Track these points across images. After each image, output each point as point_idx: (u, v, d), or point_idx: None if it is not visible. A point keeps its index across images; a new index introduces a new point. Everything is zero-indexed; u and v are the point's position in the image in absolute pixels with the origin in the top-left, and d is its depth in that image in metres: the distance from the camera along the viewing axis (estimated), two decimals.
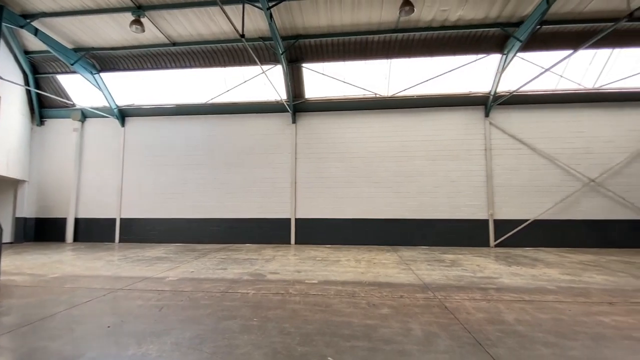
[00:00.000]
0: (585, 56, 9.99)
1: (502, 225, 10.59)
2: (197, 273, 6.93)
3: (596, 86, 10.44)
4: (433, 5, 8.62)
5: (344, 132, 11.53)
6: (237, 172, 11.82)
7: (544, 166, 10.59)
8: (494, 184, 10.73)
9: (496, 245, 10.59)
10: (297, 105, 11.64)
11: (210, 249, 10.21)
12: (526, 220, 10.51)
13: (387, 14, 9.01)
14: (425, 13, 8.95)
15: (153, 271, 7.11)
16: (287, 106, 11.26)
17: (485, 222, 10.69)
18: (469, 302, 4.96)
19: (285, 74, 10.59)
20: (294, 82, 11.28)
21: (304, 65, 10.91)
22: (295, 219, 11.41)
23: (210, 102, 11.99)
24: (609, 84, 10.38)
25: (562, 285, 5.91)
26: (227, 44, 10.37)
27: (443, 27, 9.46)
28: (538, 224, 10.46)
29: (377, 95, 11.24)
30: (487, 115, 10.97)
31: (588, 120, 10.60)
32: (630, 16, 6.32)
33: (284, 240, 11.37)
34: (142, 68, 11.46)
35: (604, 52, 9.83)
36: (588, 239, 10.24)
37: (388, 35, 9.74)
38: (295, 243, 11.32)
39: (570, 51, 8.34)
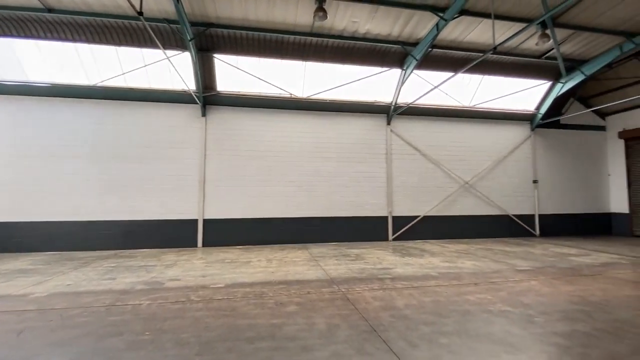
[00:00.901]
0: (465, 79, 12.01)
1: (399, 221, 11.93)
2: (75, 286, 5.84)
3: (472, 104, 12.66)
4: (345, 15, 9.14)
5: (258, 130, 11.29)
6: (134, 167, 10.41)
7: (432, 170, 12.36)
8: (394, 185, 12.02)
9: (394, 239, 11.85)
10: (208, 97, 10.90)
11: (97, 257, 8.76)
12: (417, 216, 12.07)
13: (302, 17, 9.17)
14: (337, 21, 9.42)
15: (12, 287, 5.72)
16: (195, 97, 10.43)
17: (385, 218, 11.88)
18: (368, 292, 5.40)
19: (195, 63, 9.80)
20: (205, 72, 10.53)
21: (215, 55, 10.28)
22: (204, 219, 10.66)
23: (101, 84, 10.28)
24: (480, 103, 12.70)
25: (442, 271, 6.96)
26: (123, 20, 9.02)
27: (353, 38, 10.11)
28: (427, 219, 12.14)
29: (293, 96, 11.36)
30: (388, 123, 12.21)
31: (464, 132, 12.78)
32: (494, 50, 7.86)
33: (189, 243, 10.51)
34: (4, 34, 9.10)
35: (477, 77, 11.97)
36: (463, 231, 12.33)
37: (303, 37, 9.92)
38: (203, 246, 10.58)
39: (452, 73, 9.91)
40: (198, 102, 10.63)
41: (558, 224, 13.32)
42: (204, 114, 10.94)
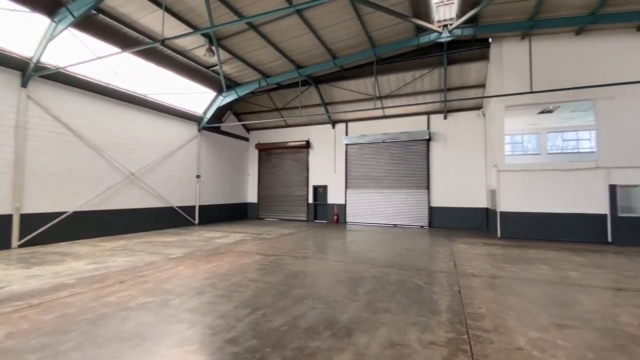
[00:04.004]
0: (142, 66, 11.17)
1: (33, 220, 8.93)
2: None
3: (145, 93, 12.06)
4: None
5: None
6: None
7: (90, 157, 10.39)
8: (26, 171, 8.81)
9: (22, 245, 8.71)
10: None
11: None
12: (65, 212, 9.66)
13: None
14: None
15: None
16: None
17: (8, 217, 8.46)
18: None
19: None
20: None
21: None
22: None
23: None
24: (154, 94, 12.40)
25: (84, 275, 5.91)
26: None
27: None
28: (78, 216, 10.01)
29: None
30: (24, 85, 8.82)
31: (136, 120, 11.93)
32: (163, 42, 7.92)
33: None
34: None
35: (153, 67, 11.54)
36: (126, 226, 11.39)
37: None
38: None
39: (120, 50, 8.90)
40: None
41: (214, 213, 15.89)
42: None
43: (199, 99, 14.29)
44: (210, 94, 14.47)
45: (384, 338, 3.48)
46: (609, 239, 9.85)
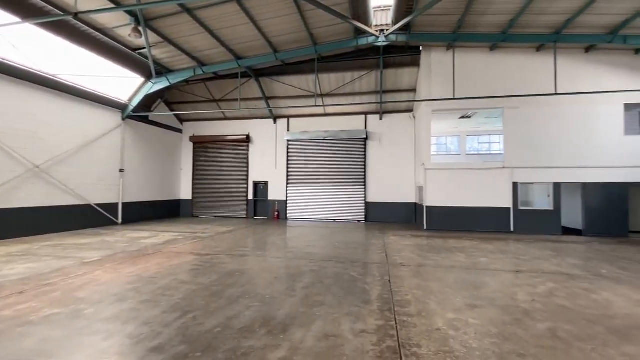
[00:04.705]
0: (51, 40, 9.55)
1: None
2: None
3: (54, 73, 10.37)
4: None
5: None
6: None
7: None
8: None
9: None
10: None
11: None
12: None
13: None
14: None
15: None
16: None
17: None
18: None
19: None
20: None
21: None
22: None
23: None
24: (68, 75, 10.75)
25: None
26: None
27: None
28: None
29: None
30: None
31: (42, 104, 10.19)
32: (76, 16, 6.90)
33: None
34: None
35: (68, 45, 9.95)
36: (28, 227, 9.71)
37: None
38: None
39: (19, 20, 7.53)
40: None
41: (141, 211, 14.48)
42: None
43: (124, 84, 12.83)
44: (137, 79, 13.10)
45: (319, 331, 3.56)
46: (512, 229, 11.50)
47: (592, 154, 11.14)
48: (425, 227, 12.15)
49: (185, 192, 17.54)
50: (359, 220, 15.21)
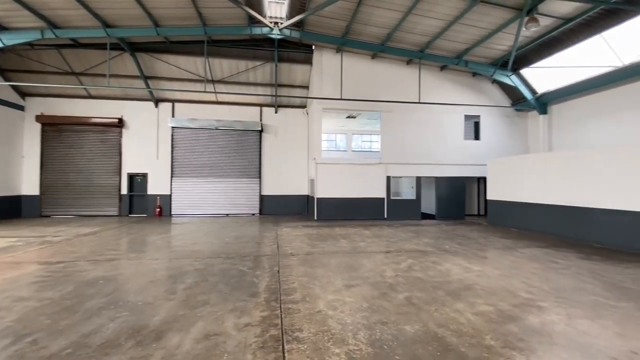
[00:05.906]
0: None
1: None
2: None
3: None
4: None
5: None
6: None
7: None
8: None
9: None
10: None
11: None
12: None
13: None
14: None
15: None
16: None
17: None
18: None
19: None
20: None
21: None
22: None
23: None
24: None
25: None
26: None
27: None
28: None
29: None
30: None
31: None
32: None
33: None
34: None
35: None
36: None
37: None
38: None
39: None
40: None
41: None
42: None
43: None
44: None
45: (199, 332, 3.35)
46: (385, 216, 13.30)
47: (442, 154, 13.82)
48: (315, 218, 12.87)
49: (29, 186, 13.84)
50: (253, 214, 14.99)
